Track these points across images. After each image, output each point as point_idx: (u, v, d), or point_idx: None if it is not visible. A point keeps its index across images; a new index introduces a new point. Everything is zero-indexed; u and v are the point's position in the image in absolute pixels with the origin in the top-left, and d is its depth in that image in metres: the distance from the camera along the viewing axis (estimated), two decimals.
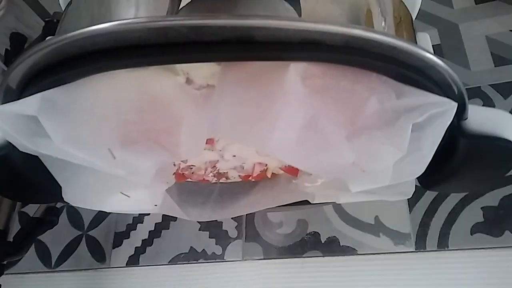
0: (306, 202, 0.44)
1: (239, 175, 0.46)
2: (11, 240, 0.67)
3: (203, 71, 0.30)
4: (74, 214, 0.93)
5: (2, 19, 0.72)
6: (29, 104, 0.29)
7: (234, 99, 0.27)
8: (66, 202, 0.39)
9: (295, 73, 0.27)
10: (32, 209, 0.74)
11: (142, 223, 0.88)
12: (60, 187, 0.44)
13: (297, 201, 0.45)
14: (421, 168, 0.32)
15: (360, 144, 0.30)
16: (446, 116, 0.29)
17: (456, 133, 0.32)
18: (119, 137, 0.31)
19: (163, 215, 0.87)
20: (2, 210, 0.68)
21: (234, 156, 0.43)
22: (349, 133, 0.30)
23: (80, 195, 0.39)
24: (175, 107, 0.31)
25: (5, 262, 0.65)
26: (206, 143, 0.39)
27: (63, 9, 0.39)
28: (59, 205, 0.95)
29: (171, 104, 0.31)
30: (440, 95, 0.29)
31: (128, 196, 0.40)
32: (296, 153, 0.29)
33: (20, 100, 0.29)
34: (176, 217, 0.74)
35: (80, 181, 0.38)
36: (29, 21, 0.78)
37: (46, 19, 0.69)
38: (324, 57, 0.27)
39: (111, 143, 0.31)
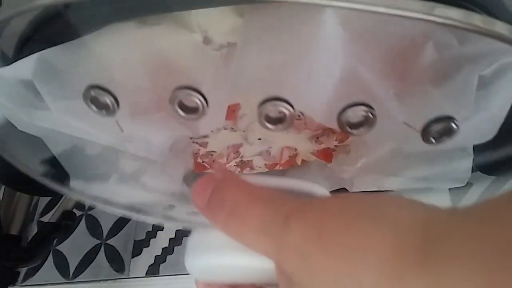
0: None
1: (265, 164, 0.41)
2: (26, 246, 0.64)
3: (223, 26, 0.26)
4: (93, 222, 0.89)
5: None
6: (24, 67, 0.25)
7: (262, 46, 0.23)
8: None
9: (334, 15, 0.23)
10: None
11: (162, 230, 0.83)
12: (66, 176, 0.40)
13: (333, 190, 0.39)
14: (491, 131, 0.26)
15: (412, 104, 0.25)
16: None
17: None
18: (128, 106, 0.27)
19: None
20: (16, 215, 0.65)
21: (260, 139, 0.38)
22: (398, 90, 0.25)
23: (88, 184, 0.35)
24: (191, 71, 0.26)
25: (19, 270, 0.62)
26: (228, 117, 0.34)
27: None
28: (77, 213, 0.92)
29: (186, 67, 0.27)
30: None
31: (142, 185, 0.35)
32: (333, 109, 0.24)
33: (14, 63, 0.25)
34: None
35: (89, 168, 0.34)
36: None
37: None
38: None
39: (119, 113, 0.27)
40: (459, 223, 0.13)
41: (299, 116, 0.34)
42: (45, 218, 0.89)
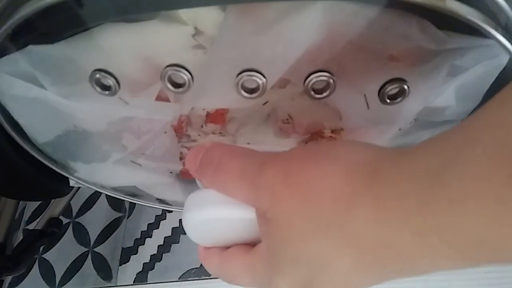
0: None
1: None
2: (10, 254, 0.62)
3: (211, 19, 0.26)
4: (80, 230, 0.88)
5: None
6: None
7: (241, 30, 0.24)
8: (58, 196, 0.35)
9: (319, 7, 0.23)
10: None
11: (150, 237, 0.82)
12: (56, 182, 0.40)
13: None
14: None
15: (369, 70, 0.27)
16: (495, 58, 0.25)
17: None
18: (128, 86, 0.28)
19: (172, 228, 0.82)
20: (1, 222, 0.64)
21: (249, 143, 0.38)
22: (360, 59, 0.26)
23: (90, 170, 0.37)
24: (182, 57, 0.27)
25: (3, 278, 0.61)
26: (216, 121, 0.34)
27: None
28: (64, 220, 0.90)
29: (178, 55, 0.27)
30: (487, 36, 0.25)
31: (140, 165, 0.37)
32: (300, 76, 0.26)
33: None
34: None
35: (89, 155, 0.36)
36: None
37: None
38: None
39: (120, 92, 0.28)
40: (396, 159, 0.16)
41: (287, 119, 0.34)
42: (31, 226, 0.88)
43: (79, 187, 0.44)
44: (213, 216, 0.22)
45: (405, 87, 0.26)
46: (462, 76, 0.27)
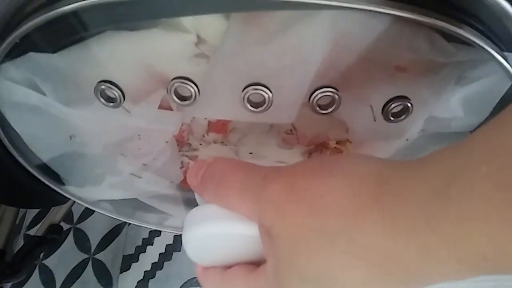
0: None
1: None
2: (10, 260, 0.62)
3: (214, 28, 0.26)
4: (81, 236, 0.87)
5: None
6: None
7: (245, 40, 0.24)
8: (57, 204, 0.35)
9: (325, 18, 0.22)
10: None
11: (152, 245, 0.82)
12: (54, 191, 0.40)
13: None
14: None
15: (374, 85, 0.26)
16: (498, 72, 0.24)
17: None
18: (129, 95, 0.28)
19: (174, 236, 0.81)
20: (1, 229, 0.63)
21: (251, 153, 0.37)
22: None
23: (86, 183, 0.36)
24: (185, 67, 0.27)
25: (3, 285, 0.60)
26: (219, 131, 0.33)
27: None
28: (65, 226, 0.90)
29: (181, 65, 0.26)
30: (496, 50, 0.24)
31: (140, 177, 0.36)
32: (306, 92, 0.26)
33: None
34: None
35: (87, 169, 0.35)
36: None
37: None
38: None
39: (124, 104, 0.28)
40: (402, 173, 0.16)
41: (291, 130, 0.33)
42: (32, 232, 0.87)
43: None
44: (214, 232, 0.21)
45: (409, 104, 0.26)
46: (469, 86, 0.26)
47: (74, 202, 0.72)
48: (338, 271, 0.16)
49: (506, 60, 0.22)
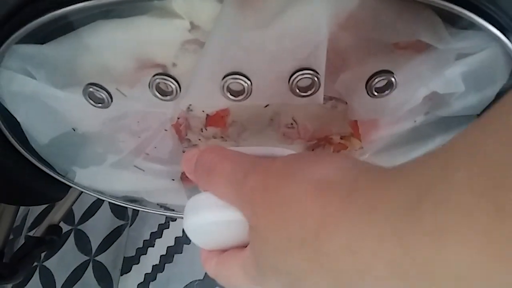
0: None
1: None
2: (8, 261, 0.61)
3: (207, 13, 0.25)
4: (82, 237, 0.86)
5: None
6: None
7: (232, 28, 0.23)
8: (52, 201, 0.34)
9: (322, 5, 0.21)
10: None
11: (153, 247, 0.80)
12: (50, 186, 0.39)
13: None
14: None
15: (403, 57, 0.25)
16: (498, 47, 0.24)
17: None
18: (123, 80, 0.27)
19: (175, 237, 0.80)
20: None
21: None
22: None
23: (89, 175, 0.36)
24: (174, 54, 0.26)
25: (2, 286, 0.59)
26: (217, 125, 0.32)
27: None
28: (66, 227, 0.89)
29: (172, 52, 0.25)
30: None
31: (143, 170, 0.36)
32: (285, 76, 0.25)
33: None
34: (190, 240, 0.67)
35: (86, 158, 0.35)
36: None
37: None
38: None
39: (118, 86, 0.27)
40: (372, 183, 0.15)
41: (291, 124, 0.32)
42: (33, 233, 0.87)
43: (81, 192, 0.42)
44: (209, 220, 0.22)
45: (392, 79, 0.26)
46: (468, 59, 0.26)
47: (74, 202, 0.71)
48: (304, 274, 0.17)
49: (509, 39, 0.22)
